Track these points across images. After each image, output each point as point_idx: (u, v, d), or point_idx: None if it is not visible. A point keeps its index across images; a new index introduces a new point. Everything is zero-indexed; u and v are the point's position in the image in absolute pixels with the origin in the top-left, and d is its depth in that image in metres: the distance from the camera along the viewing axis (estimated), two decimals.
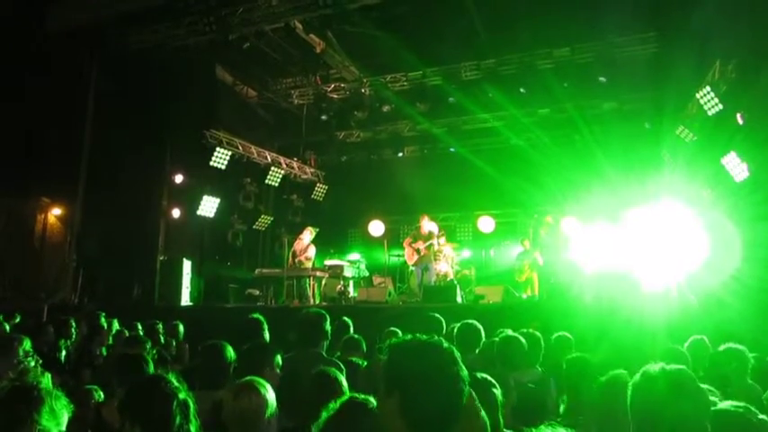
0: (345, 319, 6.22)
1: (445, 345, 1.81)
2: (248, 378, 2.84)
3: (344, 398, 2.22)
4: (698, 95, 10.34)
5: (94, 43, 12.64)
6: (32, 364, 4.46)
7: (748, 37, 9.05)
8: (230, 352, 3.74)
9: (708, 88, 10.12)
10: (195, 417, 2.44)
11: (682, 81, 10.90)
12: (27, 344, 4.38)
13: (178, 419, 2.36)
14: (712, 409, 2.22)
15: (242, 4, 11.58)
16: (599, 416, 2.79)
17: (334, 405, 2.16)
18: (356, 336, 5.54)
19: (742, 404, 2.41)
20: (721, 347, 4.68)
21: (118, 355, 4.73)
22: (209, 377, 3.61)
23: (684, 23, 10.10)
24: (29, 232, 13.85)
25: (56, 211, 13.95)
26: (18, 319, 6.61)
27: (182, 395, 2.42)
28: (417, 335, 1.86)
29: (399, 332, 5.98)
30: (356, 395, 2.26)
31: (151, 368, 3.85)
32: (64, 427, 2.32)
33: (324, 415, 2.14)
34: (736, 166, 9.81)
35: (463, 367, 1.78)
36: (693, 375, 2.18)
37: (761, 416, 2.37)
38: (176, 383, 2.46)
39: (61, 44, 12.30)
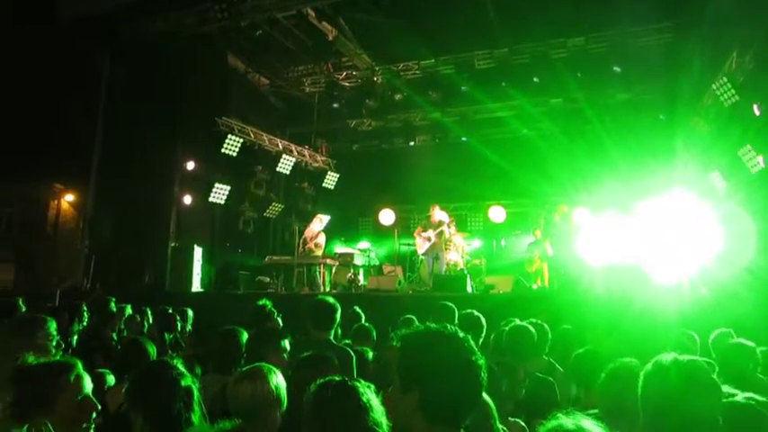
0: (357, 309, 6.24)
1: (461, 334, 1.77)
2: (255, 364, 2.83)
3: (327, 378, 2.17)
4: (714, 86, 10.20)
5: (107, 32, 12.68)
6: (52, 346, 4.49)
7: (766, 26, 8.91)
8: (245, 338, 3.76)
9: (724, 79, 9.97)
10: (199, 403, 2.43)
11: (697, 71, 10.76)
12: (52, 326, 4.41)
13: (178, 406, 2.36)
14: (724, 401, 2.20)
15: None
16: (606, 403, 2.78)
17: (314, 385, 2.12)
18: (367, 324, 5.55)
19: (755, 396, 2.39)
20: (731, 341, 4.65)
21: (126, 340, 4.77)
22: (223, 362, 3.64)
23: (700, 13, 9.96)
24: (42, 218, 13.99)
25: (69, 197, 14.09)
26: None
27: (184, 382, 2.42)
28: (430, 324, 1.83)
29: (415, 320, 6.00)
30: (339, 376, 2.22)
31: (154, 353, 3.88)
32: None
33: (307, 394, 2.10)
34: (751, 158, 9.69)
35: (480, 355, 1.75)
36: (706, 366, 2.16)
37: None
38: (180, 369, 2.46)
39: (74, 33, 12.36)
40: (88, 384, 2.46)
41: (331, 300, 4.37)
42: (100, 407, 2.52)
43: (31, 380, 2.32)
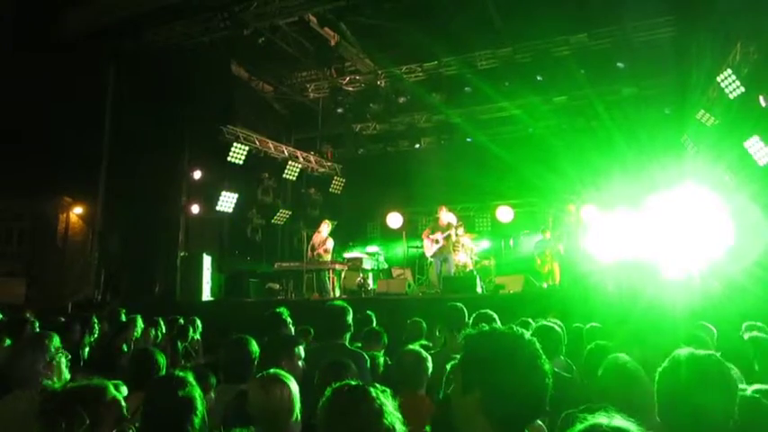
0: (369, 312, 6.24)
1: (527, 337, 1.72)
2: (273, 371, 2.84)
3: (342, 382, 2.16)
4: (719, 79, 10.15)
5: (112, 44, 12.75)
6: (62, 360, 4.52)
7: None
8: (254, 346, 3.76)
9: (729, 71, 9.92)
10: (201, 416, 2.45)
11: (702, 64, 10.71)
12: (57, 340, 4.44)
13: (185, 421, 2.38)
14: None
15: None
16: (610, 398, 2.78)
17: (329, 390, 2.11)
18: (377, 328, 5.55)
19: (762, 387, 2.38)
20: (745, 336, 4.62)
21: (136, 352, 4.78)
22: (234, 371, 3.64)
23: (704, 5, 9.92)
24: (52, 232, 14.08)
25: (77, 210, 14.16)
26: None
27: (182, 393, 2.43)
28: (497, 326, 1.79)
29: (423, 322, 5.98)
30: (353, 381, 2.22)
31: (164, 364, 3.89)
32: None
33: (322, 400, 2.09)
34: (759, 150, 9.63)
35: (546, 360, 1.70)
36: (722, 361, 2.15)
37: None
38: (188, 381, 2.48)
39: (79, 45, 12.43)
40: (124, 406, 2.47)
41: (343, 304, 4.38)
42: None
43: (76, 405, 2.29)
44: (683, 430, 2.02)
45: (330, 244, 12.72)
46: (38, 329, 5.39)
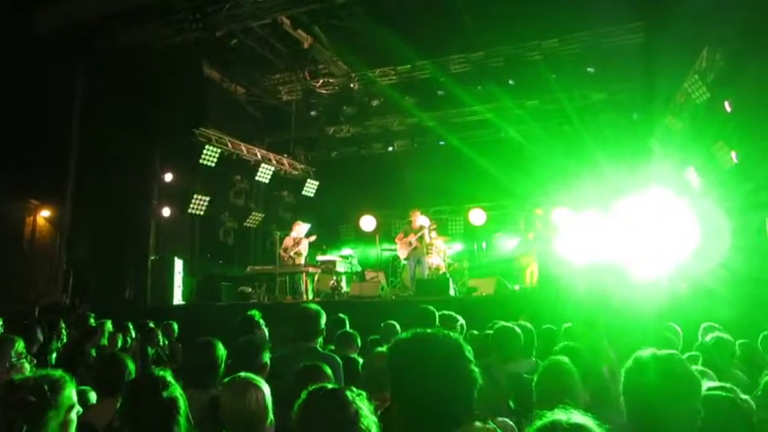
0: (341, 315, 6.22)
1: (452, 336, 1.67)
2: (243, 374, 2.81)
3: (314, 386, 2.15)
4: (686, 84, 10.36)
5: (81, 43, 12.53)
6: (26, 365, 4.43)
7: (735, 24, 9.07)
8: (221, 350, 3.70)
9: (695, 77, 10.13)
10: (186, 416, 2.41)
11: (670, 70, 10.91)
12: (20, 345, 4.34)
13: (168, 420, 2.34)
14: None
15: (228, 0, 11.51)
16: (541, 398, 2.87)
17: (304, 393, 2.10)
18: (351, 331, 5.54)
19: (727, 386, 2.45)
20: (708, 337, 4.74)
21: (105, 357, 4.71)
22: (198, 376, 3.56)
23: (671, 11, 10.10)
24: (18, 235, 13.76)
25: (44, 213, 13.87)
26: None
27: (166, 393, 2.38)
28: (419, 330, 1.72)
29: (396, 325, 5.99)
30: (327, 385, 2.22)
31: (133, 369, 3.82)
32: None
33: (297, 403, 2.07)
34: (724, 155, 9.85)
35: (471, 359, 1.64)
36: (684, 360, 2.20)
37: (744, 396, 2.43)
38: (169, 381, 2.44)
39: (48, 45, 12.19)
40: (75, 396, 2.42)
41: (316, 307, 4.36)
42: (82, 425, 2.48)
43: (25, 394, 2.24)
44: (649, 429, 2.06)
45: (305, 245, 12.69)
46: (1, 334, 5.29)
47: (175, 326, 7.86)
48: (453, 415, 1.61)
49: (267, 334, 4.76)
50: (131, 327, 7.10)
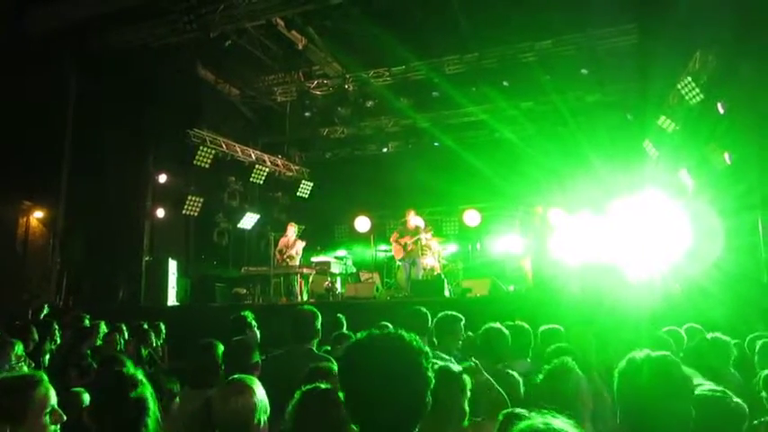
0: (339, 316, 6.22)
1: (406, 337, 1.60)
2: (237, 377, 2.81)
3: (309, 387, 2.14)
4: (679, 86, 10.40)
5: (75, 44, 12.48)
6: (24, 368, 4.41)
7: (728, 26, 9.12)
8: (221, 351, 3.72)
9: (689, 78, 10.17)
10: (155, 417, 2.37)
11: (663, 71, 10.95)
12: (19, 348, 4.32)
13: (135, 417, 2.32)
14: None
15: (222, 1, 11.49)
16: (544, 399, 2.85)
17: (298, 393, 2.08)
18: (346, 332, 5.55)
19: (719, 388, 2.46)
20: (708, 336, 4.74)
21: (103, 358, 4.70)
22: (200, 376, 3.59)
23: (665, 13, 10.15)
24: (11, 236, 13.69)
25: (38, 214, 13.80)
26: None
27: (134, 393, 2.35)
28: (373, 331, 1.67)
29: (390, 326, 5.98)
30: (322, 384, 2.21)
31: (131, 369, 3.81)
32: None
33: (292, 403, 2.06)
34: (717, 156, 9.89)
35: (425, 360, 1.57)
36: (678, 361, 2.21)
37: (736, 399, 2.44)
38: (138, 379, 2.41)
39: (41, 46, 12.14)
40: (54, 397, 2.40)
41: (312, 309, 4.37)
42: (73, 425, 2.47)
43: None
44: (642, 430, 2.07)
45: (300, 246, 12.68)
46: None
47: (162, 327, 7.84)
48: (403, 416, 1.55)
49: (259, 335, 4.76)
50: (124, 328, 7.08)
